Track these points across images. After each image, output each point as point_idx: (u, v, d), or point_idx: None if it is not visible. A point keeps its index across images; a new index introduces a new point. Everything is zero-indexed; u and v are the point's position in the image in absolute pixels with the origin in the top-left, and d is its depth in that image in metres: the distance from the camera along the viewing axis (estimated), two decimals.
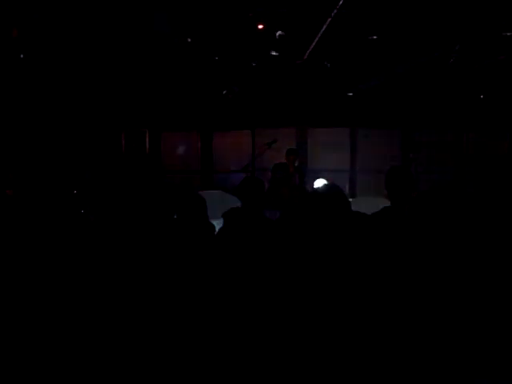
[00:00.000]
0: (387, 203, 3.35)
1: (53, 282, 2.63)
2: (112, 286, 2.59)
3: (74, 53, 5.49)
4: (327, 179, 6.46)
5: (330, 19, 4.46)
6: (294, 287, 2.41)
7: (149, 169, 8.17)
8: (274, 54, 5.61)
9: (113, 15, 4.83)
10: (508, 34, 4.41)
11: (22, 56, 5.07)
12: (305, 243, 2.88)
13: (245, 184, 3.71)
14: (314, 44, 5.35)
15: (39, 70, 5.96)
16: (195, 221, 3.18)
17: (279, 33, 4.92)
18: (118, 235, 3.05)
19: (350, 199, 3.19)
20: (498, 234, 2.64)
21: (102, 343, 2.37)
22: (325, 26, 4.71)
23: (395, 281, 2.31)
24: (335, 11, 4.26)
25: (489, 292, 2.21)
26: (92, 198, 6.35)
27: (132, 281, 2.59)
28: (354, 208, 3.01)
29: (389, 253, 2.48)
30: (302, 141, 8.20)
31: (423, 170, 7.36)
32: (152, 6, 4.62)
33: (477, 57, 5.95)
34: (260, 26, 4.98)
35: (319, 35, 4.98)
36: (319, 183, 6.40)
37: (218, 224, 3.41)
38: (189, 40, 4.91)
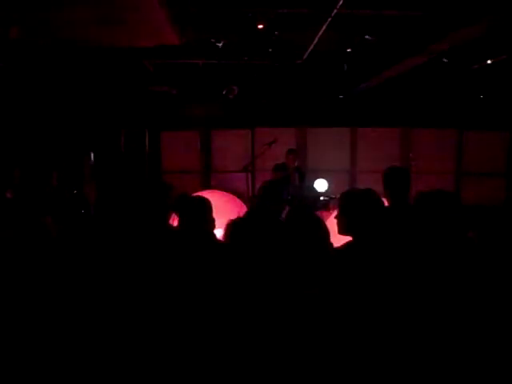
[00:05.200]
0: (385, 203, 3.35)
1: (49, 284, 2.63)
2: (110, 287, 2.59)
3: (74, 52, 5.49)
4: (327, 179, 6.47)
5: (330, 19, 4.46)
6: (296, 289, 2.42)
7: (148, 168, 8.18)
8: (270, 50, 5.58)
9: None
10: None
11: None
12: (306, 245, 2.87)
13: (265, 188, 3.69)
14: (313, 44, 5.35)
15: (39, 69, 5.96)
16: (196, 223, 3.16)
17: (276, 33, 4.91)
18: (116, 235, 3.05)
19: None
20: (498, 236, 2.63)
21: (99, 346, 2.36)
22: (325, 26, 4.70)
23: (395, 281, 2.31)
24: (335, 11, 4.26)
25: (490, 297, 2.21)
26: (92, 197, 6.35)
27: (129, 282, 2.59)
28: None
29: (388, 253, 2.48)
30: (301, 141, 8.21)
31: (423, 170, 7.37)
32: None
33: (477, 57, 5.95)
34: (260, 26, 4.97)
35: (319, 35, 4.98)
36: (319, 183, 6.42)
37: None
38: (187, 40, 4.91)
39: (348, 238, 2.62)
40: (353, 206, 2.55)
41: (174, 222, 3.38)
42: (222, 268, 2.71)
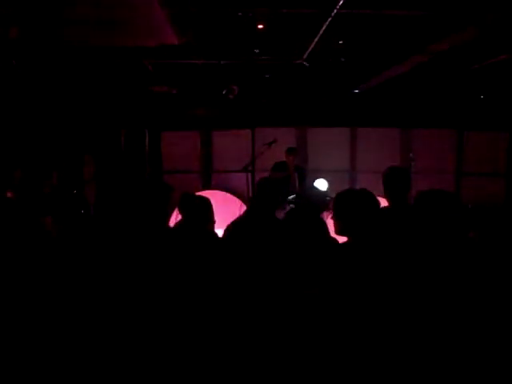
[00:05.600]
0: (386, 203, 3.36)
1: (49, 283, 2.63)
2: (110, 287, 2.59)
3: (74, 52, 5.49)
4: (327, 179, 6.48)
5: (330, 19, 4.46)
6: (297, 289, 2.41)
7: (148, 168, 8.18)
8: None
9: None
10: None
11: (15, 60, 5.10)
12: (307, 244, 2.88)
13: (260, 185, 3.66)
14: (313, 44, 5.34)
15: (38, 69, 5.96)
16: (199, 223, 3.18)
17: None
18: (116, 235, 3.05)
19: None
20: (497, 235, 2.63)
21: (99, 345, 2.36)
22: (325, 26, 4.70)
23: (395, 281, 2.30)
24: (335, 11, 4.25)
25: (490, 297, 2.21)
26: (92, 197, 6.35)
27: (129, 282, 2.59)
28: None
29: (388, 253, 2.48)
30: (301, 141, 8.21)
31: (423, 170, 7.36)
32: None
33: (477, 57, 5.95)
34: (260, 26, 4.98)
35: (319, 35, 4.98)
36: (319, 183, 6.42)
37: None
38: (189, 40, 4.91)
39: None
40: (345, 207, 2.56)
41: (177, 218, 3.41)
42: (223, 266, 2.72)
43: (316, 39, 5.14)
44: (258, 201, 3.44)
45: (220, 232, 3.42)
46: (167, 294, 2.55)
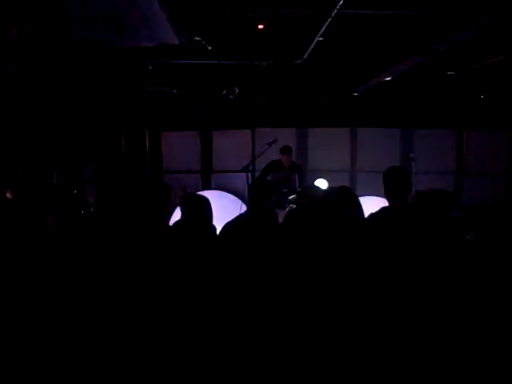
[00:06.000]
0: (386, 203, 3.36)
1: (50, 282, 2.63)
2: (110, 286, 2.59)
3: (74, 52, 5.50)
4: (327, 179, 6.47)
5: (330, 19, 4.46)
6: (296, 289, 2.42)
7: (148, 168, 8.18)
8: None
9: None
10: None
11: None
12: (306, 245, 2.88)
13: (255, 186, 3.71)
14: (313, 44, 5.34)
15: (39, 69, 5.96)
16: (198, 222, 3.20)
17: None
18: (116, 235, 3.06)
19: None
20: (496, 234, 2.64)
21: (99, 343, 2.36)
22: (325, 26, 4.70)
23: (395, 281, 2.31)
24: (335, 11, 4.26)
25: (488, 294, 2.21)
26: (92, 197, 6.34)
27: (129, 281, 2.59)
28: None
29: (388, 253, 2.48)
30: (301, 141, 8.21)
31: (423, 170, 7.36)
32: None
33: (477, 57, 5.96)
34: (260, 26, 4.99)
35: (319, 35, 4.98)
36: (319, 183, 6.41)
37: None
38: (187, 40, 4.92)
39: None
40: (324, 205, 2.60)
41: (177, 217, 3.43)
42: (222, 265, 2.72)
43: (316, 39, 5.15)
44: (253, 202, 3.49)
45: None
46: (166, 293, 2.55)
